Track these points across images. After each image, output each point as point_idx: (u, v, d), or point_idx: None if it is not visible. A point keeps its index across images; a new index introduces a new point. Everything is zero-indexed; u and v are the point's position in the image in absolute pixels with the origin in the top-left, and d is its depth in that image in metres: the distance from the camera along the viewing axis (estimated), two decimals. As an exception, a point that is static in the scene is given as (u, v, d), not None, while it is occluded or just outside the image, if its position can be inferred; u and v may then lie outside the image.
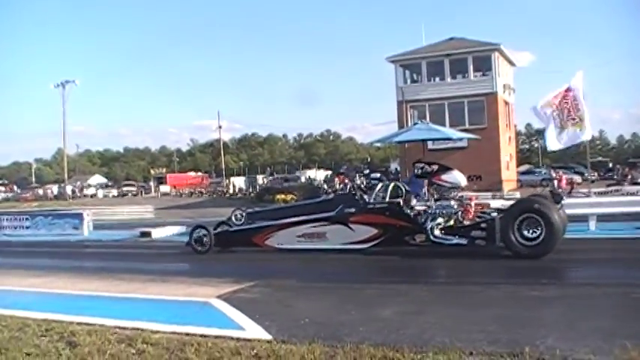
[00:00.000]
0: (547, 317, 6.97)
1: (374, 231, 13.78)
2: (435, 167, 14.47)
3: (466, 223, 13.17)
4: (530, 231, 11.91)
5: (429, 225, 13.16)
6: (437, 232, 13.08)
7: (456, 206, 13.45)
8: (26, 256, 17.98)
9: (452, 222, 13.27)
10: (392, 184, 14.79)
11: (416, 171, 14.73)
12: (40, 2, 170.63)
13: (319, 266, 12.92)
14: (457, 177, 14.24)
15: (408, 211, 13.61)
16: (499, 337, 6.04)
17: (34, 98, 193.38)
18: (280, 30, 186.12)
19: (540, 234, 11.79)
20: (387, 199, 14.19)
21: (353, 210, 14.23)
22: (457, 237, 12.95)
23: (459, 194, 14.08)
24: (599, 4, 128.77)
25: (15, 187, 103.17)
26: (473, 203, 13.59)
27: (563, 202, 13.28)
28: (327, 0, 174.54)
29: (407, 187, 14.35)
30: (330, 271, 12.45)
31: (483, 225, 12.78)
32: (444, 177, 14.11)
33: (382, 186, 15.07)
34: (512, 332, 6.21)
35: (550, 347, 5.56)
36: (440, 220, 13.23)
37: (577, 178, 43.32)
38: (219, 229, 16.13)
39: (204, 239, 15.62)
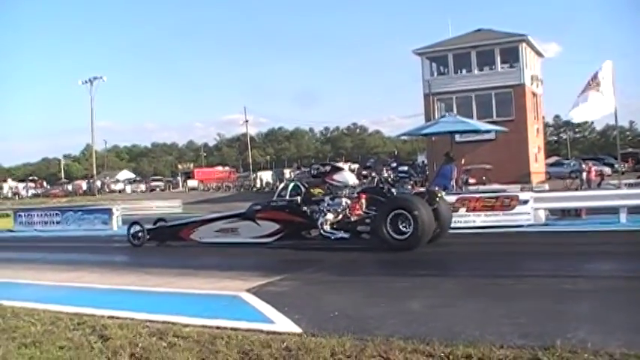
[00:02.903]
0: (577, 310, 6.89)
1: (276, 226, 15.19)
2: (328, 168, 15.63)
3: (353, 218, 14.23)
4: (403, 226, 12.87)
5: (320, 220, 14.33)
6: (326, 227, 14.25)
7: (344, 203, 14.39)
8: (56, 251, 18.20)
9: (340, 218, 14.36)
10: (292, 184, 16.22)
11: (312, 171, 16.01)
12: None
13: (348, 259, 12.93)
14: (346, 177, 15.27)
15: (305, 208, 14.78)
16: (529, 330, 6.00)
17: (63, 95, 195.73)
18: (305, 22, 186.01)
19: (409, 230, 12.73)
20: (287, 197, 15.50)
21: (259, 207, 15.79)
22: (342, 231, 14.11)
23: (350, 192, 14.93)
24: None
25: (45, 183, 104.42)
26: (363, 200, 14.37)
27: (439, 198, 13.99)
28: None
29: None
30: (358, 265, 12.50)
31: (367, 220, 13.87)
32: (335, 177, 15.01)
33: (284, 185, 16.93)
34: (543, 325, 6.16)
35: (581, 340, 5.50)
36: (330, 216, 14.36)
37: (607, 170, 42.84)
38: (156, 225, 17.74)
39: (139, 234, 17.12)
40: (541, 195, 17.47)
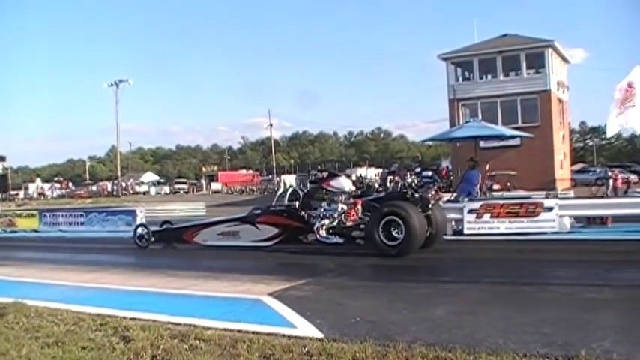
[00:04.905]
0: (603, 320, 6.80)
1: (275, 230, 15.45)
2: (325, 174, 15.65)
3: (348, 224, 14.38)
4: (395, 232, 13.09)
5: (317, 225, 14.56)
6: (322, 232, 14.49)
7: (340, 209, 14.54)
8: (80, 252, 18.38)
9: (335, 223, 14.49)
10: (290, 190, 16.82)
11: (310, 177, 16.23)
12: (93, 3, 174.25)
13: (369, 265, 12.88)
14: (342, 183, 15.29)
15: (303, 213, 15.01)
16: (553, 339, 5.94)
17: (89, 97, 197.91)
18: (330, 27, 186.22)
19: (401, 236, 12.94)
20: (286, 203, 15.93)
21: (259, 212, 16.15)
22: (337, 237, 14.36)
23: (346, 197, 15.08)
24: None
25: (70, 184, 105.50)
26: (359, 207, 14.49)
27: (431, 206, 13.96)
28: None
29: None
30: (380, 270, 12.43)
31: (362, 226, 14.05)
32: (332, 183, 15.12)
33: (283, 191, 17.56)
34: (567, 334, 6.10)
35: (606, 351, 5.44)
36: (326, 221, 14.56)
37: (633, 178, 42.33)
38: (162, 227, 18.12)
39: (145, 236, 17.62)
40: (566, 202, 17.26)
